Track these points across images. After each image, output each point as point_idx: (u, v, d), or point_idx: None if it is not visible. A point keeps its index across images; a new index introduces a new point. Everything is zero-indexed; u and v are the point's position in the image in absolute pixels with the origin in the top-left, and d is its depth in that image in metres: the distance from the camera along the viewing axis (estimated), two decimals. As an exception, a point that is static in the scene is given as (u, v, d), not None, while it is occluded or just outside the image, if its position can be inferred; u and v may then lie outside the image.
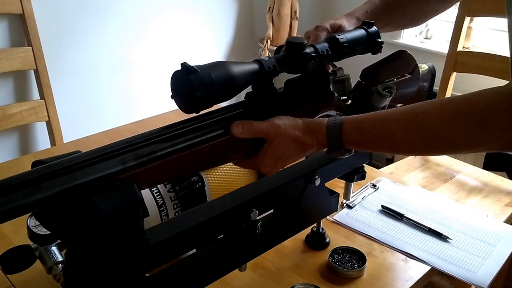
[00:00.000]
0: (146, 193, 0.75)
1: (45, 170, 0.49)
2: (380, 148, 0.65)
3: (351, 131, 0.63)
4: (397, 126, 0.61)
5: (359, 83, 0.79)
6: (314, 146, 0.66)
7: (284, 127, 0.64)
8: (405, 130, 0.61)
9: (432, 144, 0.60)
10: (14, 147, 1.90)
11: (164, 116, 1.45)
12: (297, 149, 0.66)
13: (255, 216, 0.68)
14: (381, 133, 0.62)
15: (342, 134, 0.63)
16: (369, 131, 0.63)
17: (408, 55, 0.84)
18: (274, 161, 0.66)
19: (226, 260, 0.70)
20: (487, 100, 0.56)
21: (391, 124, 0.62)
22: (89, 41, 1.99)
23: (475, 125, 0.56)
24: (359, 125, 0.64)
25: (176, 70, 0.57)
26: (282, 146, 0.65)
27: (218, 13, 2.49)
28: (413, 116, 0.60)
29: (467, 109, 0.56)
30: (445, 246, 0.94)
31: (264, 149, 0.65)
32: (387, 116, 0.63)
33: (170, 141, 0.57)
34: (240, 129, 0.62)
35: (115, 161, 0.53)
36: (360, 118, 0.64)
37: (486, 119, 0.55)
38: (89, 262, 0.53)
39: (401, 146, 0.63)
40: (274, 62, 0.64)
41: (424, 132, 0.59)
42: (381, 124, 0.62)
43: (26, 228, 0.69)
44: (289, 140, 0.65)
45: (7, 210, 0.45)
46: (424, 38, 2.26)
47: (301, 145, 0.65)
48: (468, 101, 0.57)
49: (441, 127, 0.58)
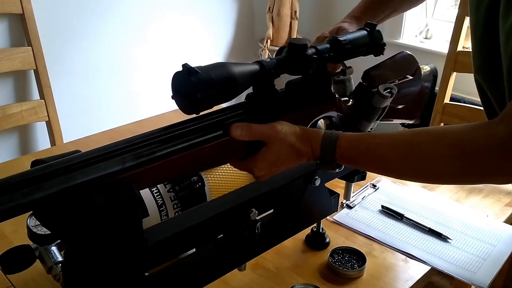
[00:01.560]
0: (146, 193, 0.75)
1: (45, 170, 0.49)
2: (372, 169, 0.67)
3: (346, 146, 0.64)
4: (392, 153, 0.62)
5: (360, 84, 0.79)
6: (308, 155, 0.66)
7: (283, 132, 0.64)
8: (399, 158, 0.62)
9: (424, 175, 0.62)
10: (14, 147, 1.90)
11: (164, 116, 1.45)
12: (292, 156, 0.66)
13: (255, 216, 0.68)
14: (375, 156, 0.63)
15: (336, 148, 0.64)
16: (362, 151, 0.64)
17: (410, 56, 0.84)
18: (269, 165, 0.65)
19: (226, 260, 0.70)
20: (479, 147, 0.56)
21: (386, 150, 0.62)
22: (89, 41, 1.99)
23: (467, 167, 0.57)
24: (354, 143, 0.64)
25: (177, 71, 0.57)
26: (279, 151, 0.65)
27: (218, 13, 2.49)
28: (409, 146, 0.61)
29: (459, 151, 0.57)
30: (445, 246, 0.94)
31: (261, 152, 0.65)
32: (382, 140, 0.63)
33: (170, 142, 0.57)
34: (239, 131, 0.62)
35: (114, 161, 0.53)
36: (356, 137, 0.65)
37: (477, 165, 0.57)
38: (88, 262, 0.53)
39: (393, 171, 0.65)
40: (276, 63, 0.63)
41: (418, 163, 0.60)
42: (375, 147, 0.63)
43: (26, 228, 0.70)
44: (286, 146, 0.65)
45: (6, 209, 0.45)
46: (424, 38, 2.26)
47: (296, 152, 0.65)
48: (461, 142, 0.58)
49: (434, 162, 0.59)
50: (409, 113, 0.87)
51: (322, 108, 0.72)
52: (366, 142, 0.64)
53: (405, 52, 0.84)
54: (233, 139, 0.62)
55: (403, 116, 0.87)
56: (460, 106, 1.69)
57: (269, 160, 0.65)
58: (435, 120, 1.73)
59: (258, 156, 0.65)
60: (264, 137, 0.64)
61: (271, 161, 0.65)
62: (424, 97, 0.86)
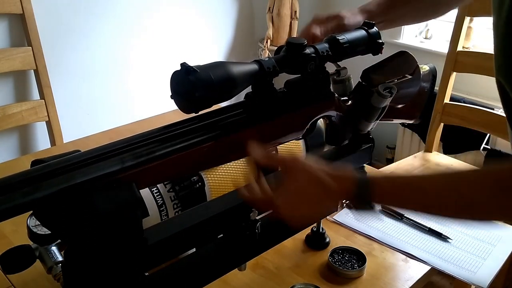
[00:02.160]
0: (146, 193, 0.75)
1: (44, 169, 0.49)
2: (412, 209, 0.65)
3: (382, 181, 0.61)
4: (436, 200, 0.60)
5: (360, 84, 0.79)
6: (340, 193, 0.61)
7: (308, 165, 0.61)
8: (447, 206, 0.60)
9: (471, 214, 0.60)
10: (14, 147, 1.90)
11: (163, 116, 1.45)
12: (319, 192, 0.60)
13: (255, 215, 0.68)
14: (416, 200, 0.61)
15: (371, 184, 0.60)
16: (402, 194, 0.61)
17: (409, 56, 0.84)
18: (292, 198, 0.60)
19: (226, 260, 0.70)
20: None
21: (430, 196, 0.60)
22: (89, 41, 1.99)
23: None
24: (391, 178, 0.63)
25: (175, 70, 0.57)
26: (303, 184, 0.60)
27: (218, 13, 2.49)
28: (454, 194, 0.59)
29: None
30: (445, 246, 0.94)
31: (283, 183, 0.61)
32: (424, 183, 0.61)
33: (169, 141, 0.57)
34: (257, 152, 0.60)
35: (114, 161, 0.53)
36: (393, 177, 0.63)
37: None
38: (88, 261, 0.53)
39: (436, 213, 0.63)
40: (274, 62, 0.63)
41: (466, 208, 0.59)
42: (417, 191, 0.60)
43: (26, 228, 0.70)
44: (312, 179, 0.60)
45: (6, 208, 0.46)
46: (424, 38, 2.26)
47: (324, 188, 0.60)
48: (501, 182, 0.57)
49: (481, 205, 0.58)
50: (409, 113, 0.87)
51: (321, 107, 0.72)
52: (406, 182, 0.62)
53: (403, 51, 0.84)
54: (232, 139, 0.62)
55: (403, 115, 0.87)
56: (460, 106, 1.69)
57: (292, 192, 0.60)
58: (435, 120, 1.73)
59: (279, 189, 0.60)
60: (284, 165, 0.61)
61: (293, 193, 0.60)
62: (424, 96, 0.86)
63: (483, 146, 1.93)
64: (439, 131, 1.76)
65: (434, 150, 1.79)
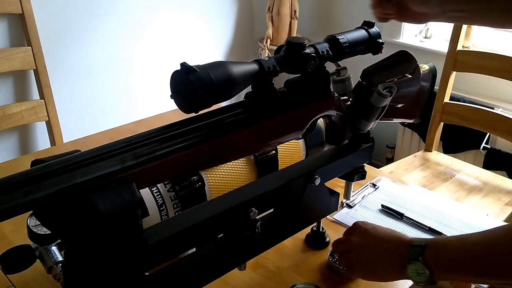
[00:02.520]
0: (146, 192, 0.75)
1: (44, 169, 0.49)
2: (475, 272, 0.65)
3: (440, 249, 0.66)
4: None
5: (360, 83, 0.79)
6: (398, 261, 0.69)
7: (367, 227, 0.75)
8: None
9: None
10: (14, 147, 1.90)
11: (163, 116, 1.45)
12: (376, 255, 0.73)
13: (255, 215, 0.68)
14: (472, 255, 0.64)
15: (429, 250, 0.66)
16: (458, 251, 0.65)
17: (409, 55, 0.84)
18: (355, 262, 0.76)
19: (226, 259, 0.70)
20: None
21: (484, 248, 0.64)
22: (89, 41, 1.99)
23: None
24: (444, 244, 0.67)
25: (175, 70, 0.57)
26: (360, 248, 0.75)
27: (217, 12, 2.49)
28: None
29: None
30: (445, 245, 0.94)
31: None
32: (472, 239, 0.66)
33: (169, 141, 0.57)
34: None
35: (114, 161, 0.53)
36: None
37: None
38: (88, 261, 0.53)
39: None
40: (274, 62, 0.63)
41: None
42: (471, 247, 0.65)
43: (26, 228, 0.70)
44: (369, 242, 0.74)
45: (6, 208, 0.46)
46: (423, 38, 2.26)
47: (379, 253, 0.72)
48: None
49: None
50: (409, 112, 0.87)
51: (321, 107, 0.72)
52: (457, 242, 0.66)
53: (403, 50, 0.84)
54: (232, 138, 0.62)
55: (403, 115, 0.87)
56: (460, 105, 1.70)
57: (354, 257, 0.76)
58: (435, 119, 1.73)
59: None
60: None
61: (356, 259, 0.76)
62: (423, 96, 0.86)
63: (483, 146, 1.93)
64: (439, 131, 1.76)
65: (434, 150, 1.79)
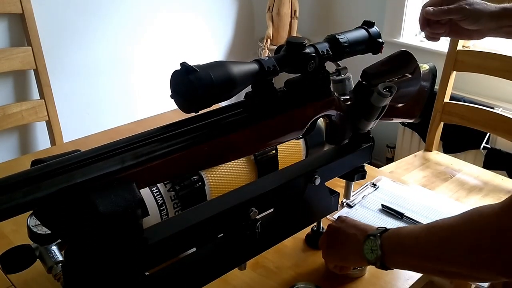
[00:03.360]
0: (146, 192, 0.75)
1: (44, 169, 0.49)
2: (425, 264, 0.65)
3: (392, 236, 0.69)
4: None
5: (360, 83, 0.79)
6: (358, 239, 0.72)
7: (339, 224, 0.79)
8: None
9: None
10: (14, 147, 1.90)
11: (163, 116, 1.45)
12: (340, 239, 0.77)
13: (255, 215, 0.68)
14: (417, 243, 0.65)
15: (384, 238, 0.68)
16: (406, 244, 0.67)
17: (409, 55, 0.84)
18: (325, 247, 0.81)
19: (226, 259, 0.70)
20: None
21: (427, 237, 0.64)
22: (89, 41, 1.99)
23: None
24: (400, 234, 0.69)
25: (175, 70, 0.57)
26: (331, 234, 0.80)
27: (217, 12, 2.49)
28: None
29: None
30: (445, 245, 0.94)
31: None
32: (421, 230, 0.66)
33: (169, 140, 0.57)
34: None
35: (114, 160, 0.53)
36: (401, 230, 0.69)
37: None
38: (88, 261, 0.53)
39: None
40: (274, 62, 0.63)
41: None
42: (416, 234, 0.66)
43: (26, 228, 0.69)
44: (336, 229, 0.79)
45: (6, 208, 0.46)
46: (424, 37, 2.26)
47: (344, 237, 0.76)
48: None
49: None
50: (409, 112, 0.87)
51: (321, 106, 0.72)
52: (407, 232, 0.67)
53: (403, 50, 0.84)
54: (232, 138, 0.62)
55: (403, 115, 0.87)
56: (460, 105, 1.70)
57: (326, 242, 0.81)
58: (435, 119, 1.73)
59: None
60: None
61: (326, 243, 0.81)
62: (424, 95, 0.86)
63: (483, 145, 1.93)
64: (439, 130, 1.76)
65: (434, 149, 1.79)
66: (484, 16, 0.82)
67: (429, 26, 0.86)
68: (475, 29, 0.82)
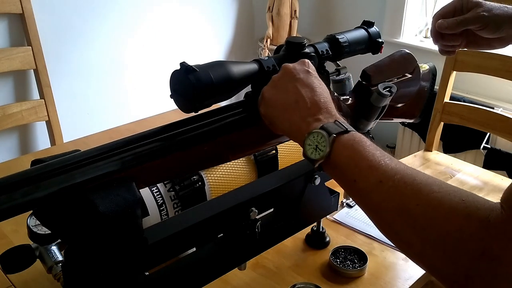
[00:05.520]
0: (146, 192, 0.75)
1: (44, 169, 0.49)
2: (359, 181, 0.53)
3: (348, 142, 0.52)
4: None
5: (359, 83, 0.79)
6: (309, 115, 0.54)
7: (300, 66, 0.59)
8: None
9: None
10: (14, 147, 1.90)
11: (163, 116, 1.45)
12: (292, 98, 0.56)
13: (255, 215, 0.68)
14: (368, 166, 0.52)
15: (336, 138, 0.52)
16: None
17: (409, 55, 0.84)
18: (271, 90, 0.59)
19: (226, 259, 0.70)
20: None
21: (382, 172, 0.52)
22: (89, 41, 1.99)
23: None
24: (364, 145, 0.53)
25: (175, 70, 0.57)
26: (283, 79, 0.58)
27: (218, 12, 2.49)
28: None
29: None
30: (445, 245, 0.94)
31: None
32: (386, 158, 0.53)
33: (169, 140, 0.57)
34: None
35: (113, 160, 0.53)
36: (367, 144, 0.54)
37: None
38: (88, 261, 0.53)
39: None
40: (274, 61, 0.64)
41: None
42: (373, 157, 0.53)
43: (26, 228, 0.70)
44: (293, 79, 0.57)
45: (6, 208, 0.46)
46: (424, 37, 2.26)
47: (298, 98, 0.56)
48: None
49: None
50: (409, 112, 0.87)
51: (321, 107, 0.72)
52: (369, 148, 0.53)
53: (403, 50, 0.84)
54: (232, 138, 0.62)
55: (403, 115, 0.87)
56: (460, 105, 1.69)
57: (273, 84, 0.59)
58: (435, 119, 1.73)
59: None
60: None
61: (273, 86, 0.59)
62: (423, 95, 0.86)
63: (483, 145, 1.93)
64: (439, 130, 1.76)
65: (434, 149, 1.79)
66: (506, 22, 0.73)
67: (443, 39, 0.78)
68: (496, 37, 0.74)
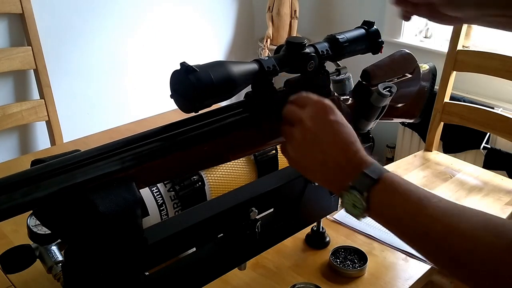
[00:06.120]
0: (146, 192, 0.75)
1: (44, 169, 0.49)
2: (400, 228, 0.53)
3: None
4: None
5: (360, 83, 0.79)
6: (336, 179, 0.55)
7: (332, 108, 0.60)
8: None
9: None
10: (14, 147, 1.90)
11: (163, 116, 1.45)
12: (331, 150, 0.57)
13: (255, 215, 0.68)
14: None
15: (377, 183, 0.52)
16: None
17: (409, 55, 0.84)
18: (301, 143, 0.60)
19: (226, 259, 0.70)
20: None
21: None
22: (89, 41, 1.99)
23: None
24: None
25: (175, 70, 0.57)
26: (316, 130, 0.58)
27: (218, 12, 2.49)
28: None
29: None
30: (445, 245, 0.94)
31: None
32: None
33: (169, 140, 0.57)
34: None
35: (114, 160, 0.53)
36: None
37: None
38: (88, 261, 0.53)
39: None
40: (274, 61, 0.63)
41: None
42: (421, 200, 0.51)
43: (26, 228, 0.70)
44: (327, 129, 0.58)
45: (6, 208, 0.46)
46: (424, 37, 2.26)
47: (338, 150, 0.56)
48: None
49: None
50: (409, 112, 0.87)
51: (321, 107, 0.72)
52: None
53: (403, 50, 0.84)
54: (232, 138, 0.62)
55: (403, 115, 0.87)
56: (460, 105, 1.69)
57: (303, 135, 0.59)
58: (435, 119, 1.73)
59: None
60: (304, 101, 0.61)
61: (304, 139, 0.59)
62: (423, 95, 0.86)
63: (483, 145, 1.93)
64: (439, 130, 1.76)
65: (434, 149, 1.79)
66: (468, 4, 0.75)
67: (406, 5, 0.79)
68: (455, 15, 0.76)
